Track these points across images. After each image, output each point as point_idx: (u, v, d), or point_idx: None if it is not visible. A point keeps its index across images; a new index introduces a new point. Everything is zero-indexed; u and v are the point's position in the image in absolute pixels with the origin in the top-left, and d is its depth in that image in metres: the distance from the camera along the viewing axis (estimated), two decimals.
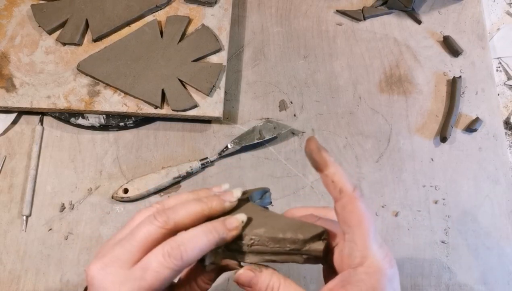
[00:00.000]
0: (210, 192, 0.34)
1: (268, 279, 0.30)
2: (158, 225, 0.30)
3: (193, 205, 0.31)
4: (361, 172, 0.59)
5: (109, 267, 0.29)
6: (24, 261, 0.52)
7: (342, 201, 0.29)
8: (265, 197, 0.35)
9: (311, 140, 0.30)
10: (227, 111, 0.61)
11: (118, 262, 0.29)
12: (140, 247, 0.29)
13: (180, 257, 0.29)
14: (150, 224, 0.30)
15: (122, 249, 0.29)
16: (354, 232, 0.29)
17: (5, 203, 0.54)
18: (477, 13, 0.69)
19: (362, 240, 0.29)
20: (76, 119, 0.57)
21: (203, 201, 0.32)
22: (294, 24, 0.67)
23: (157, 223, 0.30)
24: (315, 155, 0.29)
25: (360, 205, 0.29)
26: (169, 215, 0.30)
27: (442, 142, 0.60)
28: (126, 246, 0.29)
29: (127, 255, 0.29)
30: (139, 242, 0.29)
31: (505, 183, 0.59)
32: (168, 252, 0.29)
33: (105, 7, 0.61)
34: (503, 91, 0.66)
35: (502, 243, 0.56)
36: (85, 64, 0.58)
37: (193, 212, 0.31)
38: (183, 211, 0.31)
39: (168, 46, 0.59)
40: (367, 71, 0.64)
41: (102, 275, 0.29)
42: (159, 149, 0.58)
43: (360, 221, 0.29)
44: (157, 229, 0.30)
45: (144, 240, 0.29)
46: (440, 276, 0.55)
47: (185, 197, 0.33)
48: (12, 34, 0.60)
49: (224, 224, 0.30)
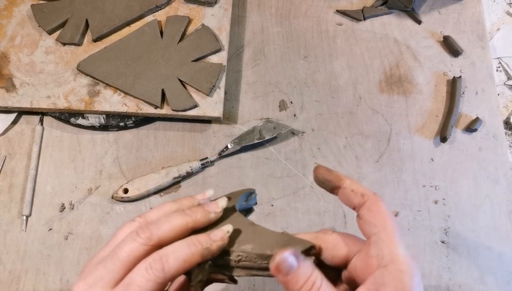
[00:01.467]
0: (193, 200, 0.33)
1: (309, 272, 0.28)
2: (141, 242, 0.29)
3: (176, 218, 0.30)
4: (361, 172, 0.59)
5: (92, 288, 0.28)
6: (24, 261, 0.52)
7: (367, 204, 0.30)
8: (250, 198, 0.35)
9: (319, 166, 0.31)
10: (227, 111, 0.61)
11: (101, 282, 0.28)
12: (123, 265, 0.29)
13: (162, 268, 0.28)
14: (133, 241, 0.29)
15: (104, 269, 0.29)
16: (381, 231, 0.29)
17: (5, 203, 0.54)
18: (477, 13, 0.69)
19: (389, 238, 0.29)
20: (76, 119, 0.57)
21: (187, 214, 0.31)
22: (294, 24, 0.67)
23: (140, 240, 0.29)
24: (328, 175, 0.31)
25: (384, 205, 0.29)
26: (152, 230, 0.29)
27: (442, 142, 0.60)
28: (108, 265, 0.29)
29: (110, 274, 0.28)
30: (121, 261, 0.29)
31: (505, 183, 0.59)
32: (150, 264, 0.28)
33: (105, 7, 0.61)
34: (503, 91, 0.66)
35: (502, 243, 0.56)
36: (85, 64, 0.58)
37: (177, 225, 0.30)
38: (166, 225, 0.30)
39: (168, 46, 0.59)
40: (367, 71, 0.64)
41: None
42: (159, 149, 0.58)
43: (386, 220, 0.29)
44: (140, 246, 0.29)
45: (126, 258, 0.29)
46: (440, 276, 0.55)
47: (168, 208, 0.32)
48: (12, 34, 0.60)
49: (209, 236, 0.30)
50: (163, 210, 0.32)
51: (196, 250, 0.29)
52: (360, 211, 0.30)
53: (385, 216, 0.29)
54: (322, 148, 0.60)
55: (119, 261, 0.29)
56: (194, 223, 0.31)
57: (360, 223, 0.30)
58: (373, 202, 0.30)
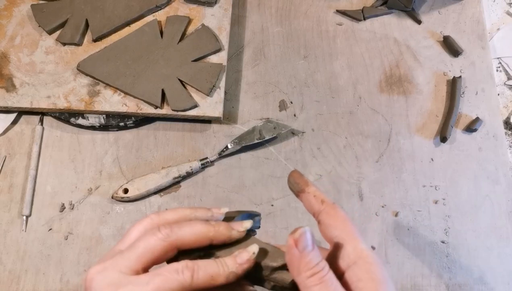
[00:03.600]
0: (208, 212, 0.33)
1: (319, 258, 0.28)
2: (160, 237, 0.29)
3: (199, 224, 0.31)
4: (361, 172, 0.59)
5: (108, 271, 0.28)
6: (24, 261, 0.52)
7: (326, 209, 0.31)
8: (255, 220, 0.35)
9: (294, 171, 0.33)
10: (227, 111, 0.61)
11: (117, 266, 0.28)
12: (139, 256, 0.29)
13: (191, 275, 0.28)
14: (153, 235, 0.30)
15: (121, 257, 0.29)
16: (342, 232, 0.30)
17: (5, 203, 0.54)
18: (477, 13, 0.69)
19: (351, 237, 0.30)
20: (76, 119, 0.57)
21: (210, 223, 0.31)
22: (294, 24, 0.67)
23: (159, 235, 0.29)
24: (298, 179, 0.33)
25: (342, 211, 0.31)
26: (173, 228, 0.30)
27: (442, 142, 0.60)
28: (125, 254, 0.29)
29: (126, 262, 0.29)
30: (138, 251, 0.29)
31: (505, 183, 0.59)
32: (182, 268, 0.28)
33: (105, 7, 0.61)
34: (503, 91, 0.66)
35: (502, 243, 0.56)
36: (85, 64, 0.58)
37: (198, 231, 0.30)
38: (188, 227, 0.30)
39: (168, 46, 0.59)
40: (367, 71, 0.64)
41: (101, 277, 0.28)
42: (159, 149, 0.58)
43: (345, 221, 0.30)
44: (158, 240, 0.29)
45: (143, 249, 0.29)
46: (440, 276, 0.55)
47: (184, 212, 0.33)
48: (12, 34, 0.60)
49: (235, 259, 0.30)
50: (179, 213, 0.33)
51: (224, 271, 0.29)
52: (319, 216, 0.31)
53: (343, 218, 0.30)
54: (322, 148, 0.60)
55: (136, 251, 0.29)
56: (215, 233, 0.31)
57: (322, 229, 0.31)
58: (331, 207, 0.31)
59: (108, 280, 0.28)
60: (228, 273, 0.29)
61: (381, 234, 0.56)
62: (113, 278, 0.28)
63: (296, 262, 0.28)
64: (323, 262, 0.28)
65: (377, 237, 0.56)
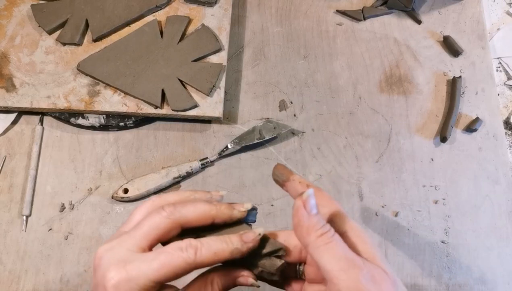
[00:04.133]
0: (208, 194, 0.34)
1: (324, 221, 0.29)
2: (164, 215, 0.30)
3: (201, 203, 0.32)
4: (361, 172, 0.59)
5: (116, 249, 0.29)
6: (24, 261, 0.52)
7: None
8: (251, 214, 0.36)
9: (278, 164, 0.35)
10: (227, 111, 0.61)
11: (124, 244, 0.29)
12: (145, 233, 0.30)
13: (194, 252, 0.29)
14: (157, 214, 0.30)
15: (127, 235, 0.30)
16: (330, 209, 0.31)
17: (5, 203, 0.54)
18: (477, 13, 0.69)
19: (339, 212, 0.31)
20: (76, 119, 0.57)
21: (212, 203, 0.32)
22: (294, 24, 0.67)
23: (164, 213, 0.30)
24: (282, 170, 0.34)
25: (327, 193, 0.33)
26: (177, 207, 0.31)
27: (442, 142, 0.60)
28: (131, 233, 0.30)
29: (133, 240, 0.30)
30: (143, 229, 0.30)
31: (505, 183, 0.59)
32: (186, 246, 0.29)
33: (105, 7, 0.61)
34: (503, 91, 0.66)
35: (502, 243, 0.56)
36: (85, 64, 0.58)
37: (201, 209, 0.31)
38: (191, 206, 0.31)
39: (168, 46, 0.59)
40: (367, 71, 0.64)
41: (109, 255, 0.29)
42: (159, 149, 0.58)
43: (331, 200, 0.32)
44: (163, 219, 0.30)
45: (148, 227, 0.30)
46: (440, 276, 0.55)
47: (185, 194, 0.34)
48: (12, 34, 0.60)
49: (241, 237, 0.31)
50: (180, 195, 0.34)
51: (227, 247, 0.30)
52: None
53: (329, 198, 0.32)
54: (322, 148, 0.60)
55: (142, 229, 0.30)
56: (217, 212, 0.32)
57: None
58: (317, 189, 0.32)
59: (117, 257, 0.29)
60: (232, 249, 0.30)
61: (381, 234, 0.56)
62: (121, 255, 0.29)
63: (306, 223, 0.29)
64: (328, 225, 0.29)
65: (377, 237, 0.56)
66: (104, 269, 0.28)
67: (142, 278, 0.28)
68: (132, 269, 0.28)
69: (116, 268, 0.28)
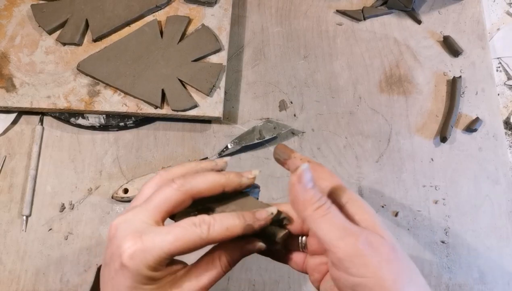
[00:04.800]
0: (212, 162, 0.35)
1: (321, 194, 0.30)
2: (175, 187, 0.31)
3: (210, 173, 0.32)
4: (361, 172, 0.59)
5: (131, 220, 0.30)
6: (24, 261, 0.52)
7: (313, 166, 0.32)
8: (253, 192, 0.36)
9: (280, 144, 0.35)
10: (227, 111, 0.61)
11: (139, 216, 0.30)
12: (156, 205, 0.30)
13: (207, 228, 0.29)
14: (168, 186, 0.31)
15: (139, 208, 0.31)
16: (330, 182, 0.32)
17: (5, 203, 0.54)
18: (477, 13, 0.69)
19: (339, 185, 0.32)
20: (76, 119, 0.57)
21: (221, 173, 0.33)
22: (294, 24, 0.67)
23: (174, 185, 0.31)
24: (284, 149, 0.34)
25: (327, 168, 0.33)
26: (187, 178, 0.31)
27: (442, 142, 0.60)
28: (143, 205, 0.31)
29: (145, 212, 0.30)
30: (155, 202, 0.31)
31: (505, 183, 0.59)
32: (199, 221, 0.30)
33: (105, 7, 0.61)
34: (503, 91, 0.66)
35: (502, 243, 0.56)
36: (85, 64, 0.58)
37: (210, 179, 0.32)
38: (201, 177, 0.32)
39: (168, 46, 0.59)
40: (367, 71, 0.64)
41: (125, 225, 0.30)
42: (159, 149, 0.58)
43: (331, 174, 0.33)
44: (174, 191, 0.31)
45: (159, 200, 0.30)
46: (440, 276, 0.55)
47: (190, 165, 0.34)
48: (12, 34, 0.60)
49: (254, 214, 0.31)
50: (186, 167, 0.34)
51: (240, 223, 0.30)
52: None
53: (329, 172, 0.33)
54: (322, 148, 0.60)
55: (154, 202, 0.31)
56: (227, 180, 0.32)
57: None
58: (318, 164, 0.33)
59: (133, 228, 0.29)
60: (245, 225, 0.30)
61: None
62: (137, 226, 0.30)
63: (301, 197, 0.29)
64: (325, 197, 0.30)
65: None
66: (120, 240, 0.29)
67: (157, 250, 0.28)
68: (147, 240, 0.29)
69: (132, 238, 0.29)
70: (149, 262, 0.28)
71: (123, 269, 0.29)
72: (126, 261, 0.28)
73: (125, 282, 0.29)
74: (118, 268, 0.29)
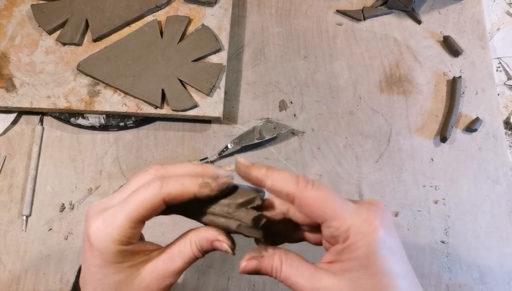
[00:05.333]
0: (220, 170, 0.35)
1: (271, 262, 0.31)
2: (152, 172, 0.31)
3: (189, 163, 0.32)
4: (361, 172, 0.59)
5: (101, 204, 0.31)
6: (24, 261, 0.52)
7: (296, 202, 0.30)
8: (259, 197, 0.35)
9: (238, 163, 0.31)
10: (227, 111, 0.61)
11: (110, 200, 0.31)
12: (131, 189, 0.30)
13: (160, 184, 0.29)
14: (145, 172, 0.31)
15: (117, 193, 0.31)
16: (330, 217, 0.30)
17: (5, 203, 0.54)
18: (477, 13, 0.69)
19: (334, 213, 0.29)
20: (76, 119, 0.57)
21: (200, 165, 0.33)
22: (294, 24, 0.67)
23: (151, 171, 0.31)
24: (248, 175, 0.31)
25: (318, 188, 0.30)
26: (164, 165, 0.32)
27: (442, 142, 0.60)
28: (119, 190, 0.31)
29: (118, 195, 0.31)
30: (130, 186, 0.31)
31: (505, 183, 0.59)
32: (152, 178, 0.30)
33: (105, 7, 0.61)
34: (503, 91, 0.66)
35: (502, 243, 0.56)
36: (85, 64, 0.58)
37: (186, 167, 0.32)
38: (178, 165, 0.32)
39: (168, 46, 0.59)
40: (367, 71, 0.64)
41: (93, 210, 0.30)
42: (159, 149, 0.58)
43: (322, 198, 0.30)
44: (150, 175, 0.31)
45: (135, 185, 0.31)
46: (440, 276, 0.55)
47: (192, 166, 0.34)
48: (12, 34, 0.60)
49: (212, 172, 0.31)
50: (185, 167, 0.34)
51: (196, 180, 0.30)
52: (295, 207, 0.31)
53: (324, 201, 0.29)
54: (322, 148, 0.60)
55: (129, 186, 0.31)
56: (202, 170, 0.31)
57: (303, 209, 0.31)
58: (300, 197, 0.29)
59: (98, 209, 0.30)
60: (201, 182, 0.30)
61: None
62: (104, 208, 0.30)
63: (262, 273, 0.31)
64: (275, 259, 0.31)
65: None
66: (87, 221, 0.30)
67: (117, 221, 0.29)
68: (107, 215, 0.29)
69: (95, 217, 0.29)
70: (114, 235, 0.29)
71: (90, 248, 0.29)
72: (92, 239, 0.29)
73: (94, 261, 0.29)
74: (87, 248, 0.29)
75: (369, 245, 0.28)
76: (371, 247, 0.28)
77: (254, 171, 0.30)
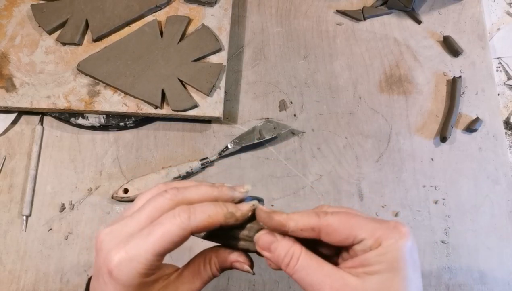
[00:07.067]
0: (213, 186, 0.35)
1: (288, 246, 0.30)
2: (168, 197, 0.30)
3: (204, 186, 0.32)
4: (361, 172, 0.59)
5: (116, 231, 0.30)
6: (24, 261, 0.52)
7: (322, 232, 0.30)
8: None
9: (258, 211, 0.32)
10: (227, 111, 0.61)
11: (126, 227, 0.30)
12: (148, 215, 0.30)
13: (188, 216, 0.29)
14: (160, 196, 0.31)
15: (130, 218, 0.30)
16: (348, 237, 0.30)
17: (5, 203, 0.54)
18: (477, 13, 0.69)
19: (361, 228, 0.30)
20: (76, 119, 0.57)
21: (214, 186, 0.32)
22: (294, 24, 0.67)
23: (167, 195, 0.31)
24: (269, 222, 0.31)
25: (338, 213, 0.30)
26: (180, 189, 0.31)
27: (442, 142, 0.60)
28: (134, 215, 0.30)
29: (135, 222, 0.30)
30: (147, 211, 0.30)
31: (505, 183, 0.59)
32: (178, 212, 0.29)
33: (105, 7, 0.61)
34: (503, 91, 0.66)
35: (502, 243, 0.56)
36: (85, 64, 0.58)
37: (203, 191, 0.32)
38: (193, 188, 0.32)
39: (168, 46, 0.59)
40: (367, 71, 0.64)
41: (110, 238, 0.29)
42: (159, 149, 0.58)
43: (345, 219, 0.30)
44: (166, 200, 0.30)
45: (151, 209, 0.30)
46: (440, 276, 0.55)
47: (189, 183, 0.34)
48: (12, 34, 0.60)
49: (236, 205, 0.31)
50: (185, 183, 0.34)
51: (222, 210, 0.30)
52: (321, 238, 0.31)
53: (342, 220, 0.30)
54: (322, 148, 0.60)
55: (145, 212, 0.30)
56: (219, 193, 0.32)
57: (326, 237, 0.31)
58: (326, 226, 0.30)
59: (117, 239, 0.29)
60: (226, 212, 0.30)
61: None
62: (122, 237, 0.29)
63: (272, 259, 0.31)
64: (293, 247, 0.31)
65: None
66: (105, 252, 0.29)
67: (143, 255, 0.28)
68: (131, 248, 0.28)
69: (115, 249, 0.28)
70: (139, 269, 0.28)
71: (112, 281, 0.28)
72: (115, 273, 0.28)
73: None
74: (107, 281, 0.29)
75: (400, 249, 0.29)
76: (402, 251, 0.29)
77: (277, 216, 0.31)
